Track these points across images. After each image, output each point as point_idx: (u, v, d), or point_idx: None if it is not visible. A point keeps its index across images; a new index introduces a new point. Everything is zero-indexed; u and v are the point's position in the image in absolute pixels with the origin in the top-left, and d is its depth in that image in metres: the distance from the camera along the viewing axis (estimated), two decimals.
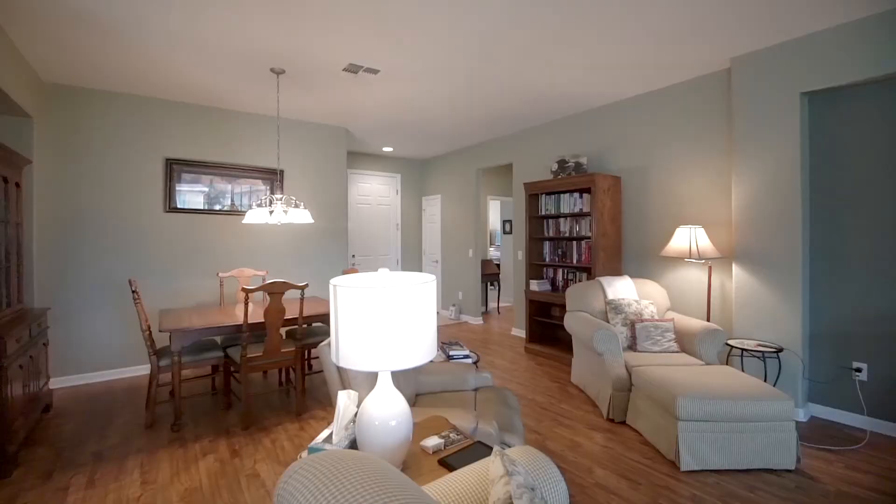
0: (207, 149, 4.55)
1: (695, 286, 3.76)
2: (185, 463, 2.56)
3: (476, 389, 2.57)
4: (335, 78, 3.78)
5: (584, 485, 2.31)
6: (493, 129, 5.57)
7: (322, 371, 3.88)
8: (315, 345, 3.62)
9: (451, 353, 3.21)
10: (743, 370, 3.21)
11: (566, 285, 4.72)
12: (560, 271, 4.85)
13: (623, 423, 2.98)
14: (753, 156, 3.30)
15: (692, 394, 2.41)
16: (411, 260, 7.55)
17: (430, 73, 3.70)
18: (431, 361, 2.79)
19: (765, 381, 3.05)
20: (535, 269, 5.02)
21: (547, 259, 4.93)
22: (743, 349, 2.96)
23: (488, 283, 7.37)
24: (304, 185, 5.19)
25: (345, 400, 1.54)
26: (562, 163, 4.74)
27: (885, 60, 2.71)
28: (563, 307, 4.78)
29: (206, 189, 4.54)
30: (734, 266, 3.37)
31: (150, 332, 3.07)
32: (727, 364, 3.29)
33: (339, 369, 2.06)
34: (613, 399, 2.99)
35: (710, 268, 3.48)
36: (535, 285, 4.80)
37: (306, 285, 3.17)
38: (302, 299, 3.24)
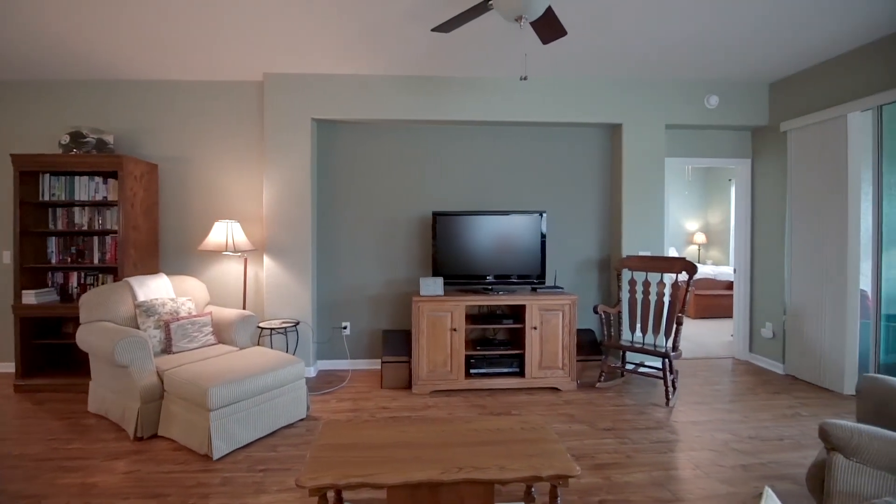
0: None
1: (233, 278, 3.98)
2: None
3: None
4: None
5: None
6: None
7: None
8: None
9: None
10: (272, 347, 3.72)
11: (84, 292, 3.78)
12: (75, 275, 3.84)
13: (155, 436, 2.74)
14: (279, 163, 3.82)
15: (223, 381, 2.53)
16: None
17: None
18: None
19: (286, 351, 3.67)
20: (33, 275, 3.71)
21: (54, 260, 3.78)
22: (271, 329, 3.42)
23: None
24: None
25: None
26: (77, 136, 3.72)
27: (377, 110, 3.84)
28: (78, 320, 3.81)
29: None
30: (265, 257, 3.82)
31: None
32: (259, 345, 3.70)
33: None
34: (142, 414, 2.69)
35: (245, 260, 3.78)
36: (31, 297, 3.55)
37: None
38: None
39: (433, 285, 3.55)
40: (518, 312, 3.68)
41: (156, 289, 3.31)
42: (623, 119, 3.97)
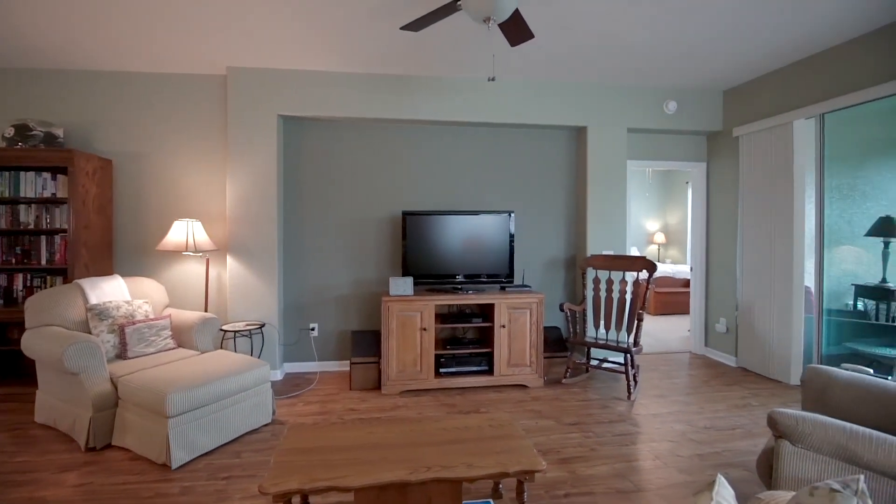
0: None
1: (194, 279, 3.84)
2: None
3: None
4: None
5: None
6: None
7: None
8: None
9: None
10: (236, 350, 3.61)
11: (31, 295, 3.55)
12: (20, 277, 3.60)
13: (109, 446, 2.61)
14: (244, 161, 3.71)
15: (182, 387, 2.44)
16: None
17: None
18: None
19: (251, 354, 3.57)
20: None
21: None
22: (235, 331, 3.32)
23: None
24: None
25: None
26: (23, 129, 3.49)
27: (346, 107, 3.77)
28: (24, 326, 3.58)
29: None
30: (228, 257, 3.70)
31: None
32: (222, 348, 3.59)
33: None
34: (94, 423, 2.55)
35: (207, 260, 3.65)
36: None
37: None
38: None
39: (403, 285, 3.54)
40: (487, 311, 3.72)
41: (109, 291, 3.15)
42: (588, 122, 4.08)
